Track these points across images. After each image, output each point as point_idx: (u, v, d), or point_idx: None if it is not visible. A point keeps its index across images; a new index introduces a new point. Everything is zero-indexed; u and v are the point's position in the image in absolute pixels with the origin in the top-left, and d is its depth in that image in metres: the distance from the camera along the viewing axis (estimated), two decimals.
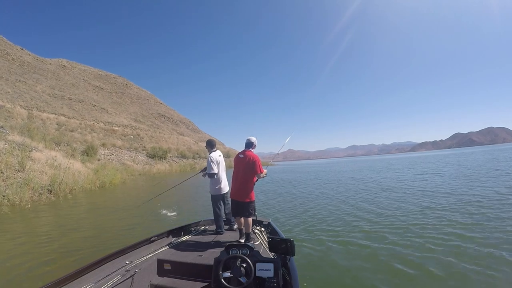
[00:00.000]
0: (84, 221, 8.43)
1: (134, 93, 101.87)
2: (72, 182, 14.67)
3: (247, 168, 4.19)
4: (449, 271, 3.99)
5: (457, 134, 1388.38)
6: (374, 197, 10.65)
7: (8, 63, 58.39)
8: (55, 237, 6.53)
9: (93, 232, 7.14)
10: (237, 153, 4.49)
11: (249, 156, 4.23)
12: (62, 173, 14.30)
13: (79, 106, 58.29)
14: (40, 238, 6.44)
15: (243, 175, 4.20)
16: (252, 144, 4.40)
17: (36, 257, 5.11)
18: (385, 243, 5.25)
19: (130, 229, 7.11)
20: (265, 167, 4.49)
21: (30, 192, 11.83)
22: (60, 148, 25.50)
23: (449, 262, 4.28)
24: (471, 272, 3.89)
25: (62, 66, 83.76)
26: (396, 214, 7.55)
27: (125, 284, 2.84)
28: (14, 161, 14.14)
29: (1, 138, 17.40)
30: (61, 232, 7.09)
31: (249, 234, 4.08)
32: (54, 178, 13.73)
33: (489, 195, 9.21)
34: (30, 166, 14.56)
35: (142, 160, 40.20)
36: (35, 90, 51.98)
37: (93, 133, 42.72)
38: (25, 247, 5.78)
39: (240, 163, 4.27)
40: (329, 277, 4.01)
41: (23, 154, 15.26)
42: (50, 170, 15.11)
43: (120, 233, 6.80)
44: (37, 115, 38.19)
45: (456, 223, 6.28)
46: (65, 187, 13.75)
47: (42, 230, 7.35)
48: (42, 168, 15.04)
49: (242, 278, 2.58)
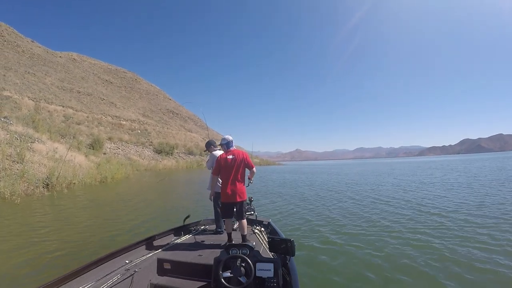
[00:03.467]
0: (65, 222, 7.22)
1: (143, 88, 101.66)
2: (72, 175, 13.75)
3: (240, 167, 4.07)
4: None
5: (466, 139, 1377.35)
6: (375, 200, 10.46)
7: (18, 54, 58.39)
8: (24, 244, 5.39)
9: (67, 239, 5.90)
10: (220, 155, 4.28)
11: (238, 154, 4.12)
12: (61, 166, 13.34)
13: (88, 99, 57.94)
14: (10, 243, 5.41)
15: (238, 174, 4.06)
16: (232, 142, 4.32)
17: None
18: (385, 244, 5.27)
19: (109, 237, 6.01)
20: (264, 165, 3.74)
21: (25, 185, 10.96)
22: (66, 141, 24.93)
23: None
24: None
25: (72, 60, 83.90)
26: (397, 219, 7.31)
27: (125, 283, 2.82)
28: (13, 152, 13.38)
29: (4, 129, 16.85)
30: (36, 234, 6.05)
31: (245, 236, 3.94)
32: (53, 171, 12.82)
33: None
34: (29, 158, 13.81)
35: (149, 155, 39.66)
36: (44, 82, 51.76)
37: (100, 126, 42.21)
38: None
39: (231, 163, 4.08)
40: (329, 277, 3.97)
41: (22, 145, 14.50)
42: (49, 162, 14.28)
43: (95, 241, 5.68)
44: (44, 107, 37.77)
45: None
46: (63, 181, 12.83)
47: (19, 230, 6.38)
48: (42, 160, 14.25)
49: (242, 278, 2.56)
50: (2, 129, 16.46)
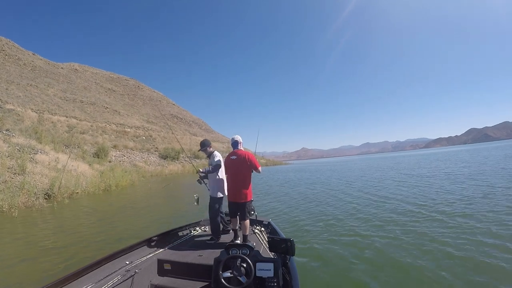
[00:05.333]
0: (59, 236, 6.67)
1: (146, 94, 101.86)
2: (74, 185, 13.25)
3: (244, 167, 4.05)
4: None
5: (472, 129, 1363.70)
6: (375, 201, 9.92)
7: (19, 68, 58.55)
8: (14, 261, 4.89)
9: (63, 251, 5.46)
10: (227, 155, 4.28)
11: (243, 154, 4.10)
12: (62, 176, 12.87)
13: (91, 108, 57.87)
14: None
15: (242, 175, 4.05)
16: (239, 143, 4.24)
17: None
18: (386, 244, 5.16)
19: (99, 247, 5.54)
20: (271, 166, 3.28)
21: (25, 197, 10.46)
22: (70, 151, 24.62)
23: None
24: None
25: (74, 70, 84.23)
26: (399, 218, 7.01)
27: (125, 284, 2.82)
28: (14, 164, 12.99)
29: (5, 141, 16.58)
30: (25, 248, 5.57)
31: (246, 236, 3.99)
32: (54, 181, 12.32)
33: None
34: (31, 169, 13.40)
35: (155, 161, 39.32)
36: (46, 93, 51.74)
37: (104, 135, 42.00)
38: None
39: (235, 164, 4.10)
40: (330, 277, 3.92)
41: (23, 157, 14.11)
42: (51, 172, 13.84)
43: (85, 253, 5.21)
44: (48, 118, 37.64)
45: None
46: (65, 191, 12.32)
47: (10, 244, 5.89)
48: (43, 171, 13.82)
49: (242, 278, 2.53)
50: (3, 142, 16.18)
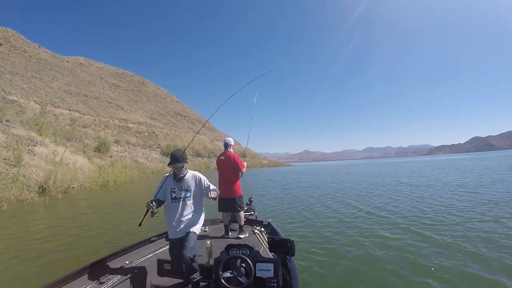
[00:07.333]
0: (47, 232, 6.18)
1: (150, 91, 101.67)
2: (71, 179, 12.72)
3: (231, 167, 4.42)
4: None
5: (475, 138, 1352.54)
6: (376, 201, 10.13)
7: (25, 60, 58.44)
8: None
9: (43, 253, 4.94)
10: (219, 155, 4.66)
11: (230, 156, 4.46)
12: (58, 169, 12.33)
13: (95, 102, 57.60)
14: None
15: (229, 174, 4.43)
16: (229, 145, 4.56)
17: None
18: (386, 244, 5.17)
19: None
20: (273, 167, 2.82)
21: (17, 190, 9.94)
22: (71, 144, 24.20)
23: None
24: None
25: (79, 64, 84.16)
26: (399, 222, 6.89)
27: (125, 284, 2.80)
28: (11, 155, 12.50)
29: (4, 132, 16.14)
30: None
31: (242, 226, 4.32)
32: (49, 174, 11.81)
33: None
34: (27, 161, 12.91)
35: (156, 157, 38.92)
36: (50, 86, 51.52)
37: (107, 129, 41.68)
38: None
39: (224, 164, 4.49)
40: (330, 277, 3.88)
41: (20, 148, 13.62)
42: (48, 165, 13.33)
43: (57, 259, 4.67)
44: (50, 111, 37.33)
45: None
46: (61, 185, 11.80)
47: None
48: (40, 163, 13.32)
49: (242, 278, 2.52)
50: (2, 133, 15.73)
